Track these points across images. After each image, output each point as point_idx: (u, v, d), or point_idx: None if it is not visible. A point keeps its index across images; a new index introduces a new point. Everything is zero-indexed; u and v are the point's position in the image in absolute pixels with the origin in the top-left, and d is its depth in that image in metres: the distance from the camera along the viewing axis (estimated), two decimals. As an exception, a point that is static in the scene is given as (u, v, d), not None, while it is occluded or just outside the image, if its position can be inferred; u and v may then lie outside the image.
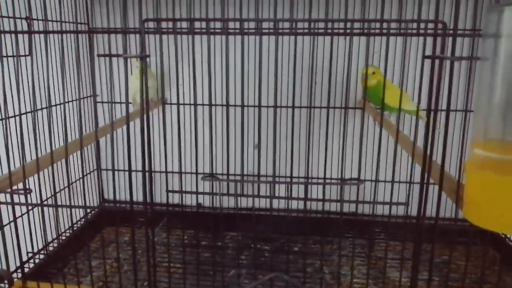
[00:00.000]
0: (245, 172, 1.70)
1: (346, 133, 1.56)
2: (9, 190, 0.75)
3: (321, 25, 0.64)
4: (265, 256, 1.52)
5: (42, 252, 1.33)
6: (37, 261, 1.32)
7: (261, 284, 0.73)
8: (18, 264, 0.99)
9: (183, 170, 1.63)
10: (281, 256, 1.52)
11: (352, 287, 1.34)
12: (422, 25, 0.67)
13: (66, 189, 1.41)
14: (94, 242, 1.63)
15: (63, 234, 1.47)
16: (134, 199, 0.76)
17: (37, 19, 1.26)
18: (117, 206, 1.68)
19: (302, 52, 1.55)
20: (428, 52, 0.64)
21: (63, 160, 0.93)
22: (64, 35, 0.86)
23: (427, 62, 0.65)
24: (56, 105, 1.39)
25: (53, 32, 0.70)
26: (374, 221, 1.64)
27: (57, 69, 1.30)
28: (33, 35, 0.69)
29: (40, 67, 1.27)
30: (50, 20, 1.37)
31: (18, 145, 0.78)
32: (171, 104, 1.65)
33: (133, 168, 0.72)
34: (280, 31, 0.68)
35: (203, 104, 1.63)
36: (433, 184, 0.66)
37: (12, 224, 0.83)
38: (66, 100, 1.46)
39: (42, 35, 0.69)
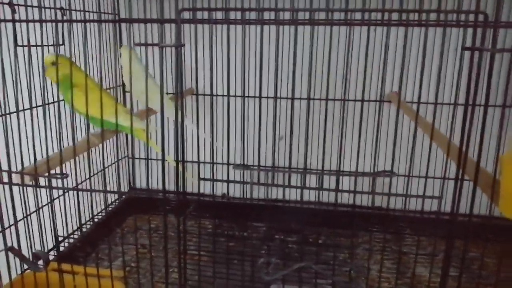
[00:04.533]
0: (276, 164, 1.70)
1: (381, 127, 1.53)
2: (46, 174, 0.77)
3: (358, 15, 0.63)
4: (292, 248, 1.52)
5: (72, 236, 1.37)
6: (66, 245, 1.36)
7: (289, 274, 0.73)
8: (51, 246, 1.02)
9: (214, 160, 1.65)
10: (308, 248, 1.51)
11: (379, 281, 1.33)
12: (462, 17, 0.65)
13: (97, 176, 1.45)
14: (123, 228, 1.66)
15: (92, 220, 1.51)
16: (166, 187, 0.77)
17: (69, 9, 1.28)
18: (148, 193, 1.72)
19: (338, 43, 1.53)
20: (467, 44, 0.62)
21: (94, 148, 0.96)
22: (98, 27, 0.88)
23: (466, 55, 0.63)
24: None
25: (90, 21, 0.72)
26: (404, 216, 1.62)
27: (94, 60, 1.33)
28: (71, 25, 0.71)
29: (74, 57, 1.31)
30: (74, 10, 1.38)
31: (56, 132, 0.81)
32: (204, 95, 1.66)
33: (163, 157, 0.73)
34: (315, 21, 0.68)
35: (235, 96, 1.64)
36: (469, 180, 0.65)
37: (47, 207, 0.86)
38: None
39: (80, 26, 0.71)
